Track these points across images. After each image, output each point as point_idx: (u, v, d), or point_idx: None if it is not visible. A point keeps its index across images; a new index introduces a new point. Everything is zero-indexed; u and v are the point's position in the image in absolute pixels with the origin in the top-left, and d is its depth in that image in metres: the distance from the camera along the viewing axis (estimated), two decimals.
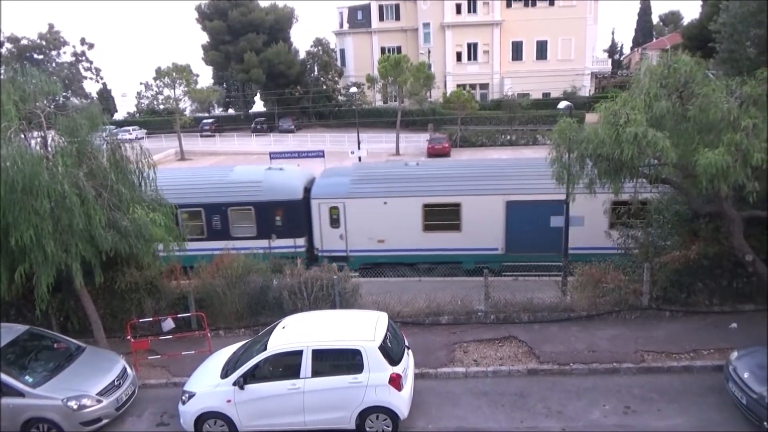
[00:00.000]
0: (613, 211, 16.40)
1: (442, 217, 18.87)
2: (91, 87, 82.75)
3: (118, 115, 75.66)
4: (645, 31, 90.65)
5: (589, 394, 10.67)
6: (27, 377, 10.33)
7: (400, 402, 9.55)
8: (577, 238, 16.70)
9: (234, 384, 9.68)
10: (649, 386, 10.76)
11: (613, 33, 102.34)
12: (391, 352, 9.78)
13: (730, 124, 9.57)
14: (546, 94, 60.36)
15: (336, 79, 67.61)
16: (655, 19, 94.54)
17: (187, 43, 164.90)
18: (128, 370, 11.41)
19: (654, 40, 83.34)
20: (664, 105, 10.10)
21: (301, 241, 19.46)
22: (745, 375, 9.42)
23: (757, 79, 10.14)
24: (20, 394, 10.03)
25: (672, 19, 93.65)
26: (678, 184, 11.57)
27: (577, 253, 16.50)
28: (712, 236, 12.80)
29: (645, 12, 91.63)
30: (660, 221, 14.32)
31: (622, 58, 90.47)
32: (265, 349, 9.88)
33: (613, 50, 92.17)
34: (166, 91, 55.05)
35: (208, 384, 10.09)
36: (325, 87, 66.81)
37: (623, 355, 11.66)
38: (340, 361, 9.76)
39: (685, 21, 78.76)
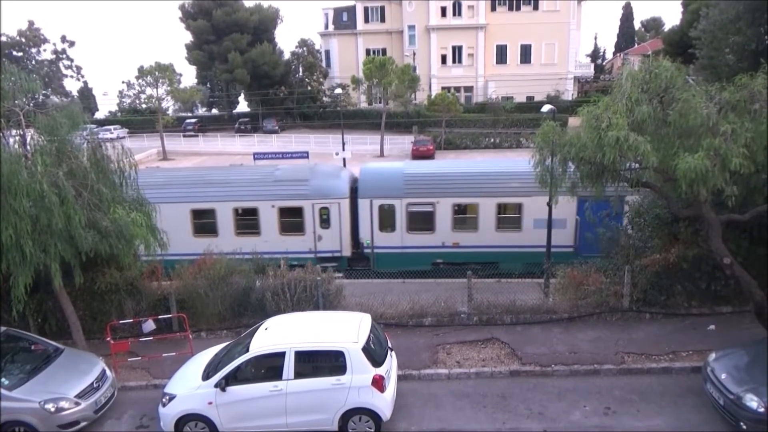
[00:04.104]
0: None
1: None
2: (72, 85, 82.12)
3: (100, 114, 74.85)
4: (627, 37, 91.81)
5: (570, 395, 10.76)
6: (3, 379, 10.13)
7: (383, 403, 9.54)
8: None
9: (215, 386, 9.60)
10: (628, 387, 10.89)
11: (595, 38, 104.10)
12: (374, 354, 9.78)
13: (710, 129, 9.70)
14: (530, 98, 60.85)
15: (321, 80, 67.48)
16: (636, 25, 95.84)
17: (171, 42, 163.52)
18: (107, 372, 11.26)
19: (636, 45, 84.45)
20: (645, 110, 10.21)
21: None
22: (723, 376, 9.57)
23: (735, 86, 10.28)
24: None
25: (653, 25, 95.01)
26: (658, 187, 11.69)
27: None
28: (692, 239, 12.99)
29: (627, 18, 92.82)
30: (640, 224, 14.50)
31: (604, 63, 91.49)
32: (247, 350, 9.81)
33: (595, 55, 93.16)
34: (149, 90, 54.45)
35: (189, 386, 9.99)
36: (309, 88, 66.68)
37: (604, 356, 11.78)
38: (323, 362, 9.72)
39: (666, 27, 79.78)
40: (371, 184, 19.67)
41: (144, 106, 58.72)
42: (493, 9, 63.61)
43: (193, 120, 67.02)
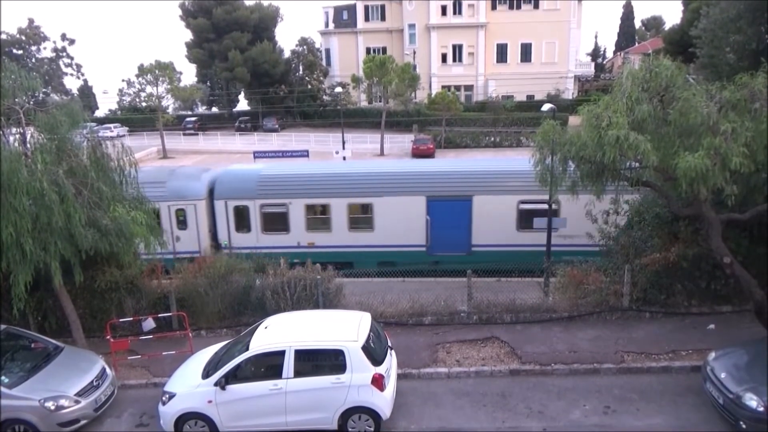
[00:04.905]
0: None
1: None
2: (72, 83, 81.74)
3: (100, 112, 74.81)
4: (627, 36, 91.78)
5: (569, 394, 10.77)
6: (3, 377, 10.13)
7: (383, 402, 9.55)
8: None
9: (215, 384, 9.60)
10: (628, 386, 10.89)
11: (596, 37, 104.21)
12: (374, 353, 9.78)
13: (710, 128, 9.69)
14: (530, 97, 60.82)
15: (321, 78, 67.41)
16: (637, 24, 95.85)
17: (171, 41, 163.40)
18: (107, 370, 11.26)
19: (636, 44, 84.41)
20: (645, 109, 10.19)
21: None
22: (722, 375, 9.57)
23: (736, 85, 10.27)
24: None
25: (654, 24, 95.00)
26: (658, 186, 11.69)
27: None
28: (692, 238, 12.98)
29: (627, 17, 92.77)
30: (641, 223, 14.49)
31: (605, 62, 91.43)
32: (247, 349, 9.81)
33: (596, 54, 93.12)
34: (149, 89, 54.40)
35: (189, 384, 10.00)
36: (309, 87, 66.61)
37: (604, 355, 11.78)
38: (323, 361, 9.73)
39: (667, 26, 79.87)
40: (227, 185, 19.96)
41: (144, 104, 58.68)
42: (494, 8, 63.58)
43: (193, 118, 66.94)
